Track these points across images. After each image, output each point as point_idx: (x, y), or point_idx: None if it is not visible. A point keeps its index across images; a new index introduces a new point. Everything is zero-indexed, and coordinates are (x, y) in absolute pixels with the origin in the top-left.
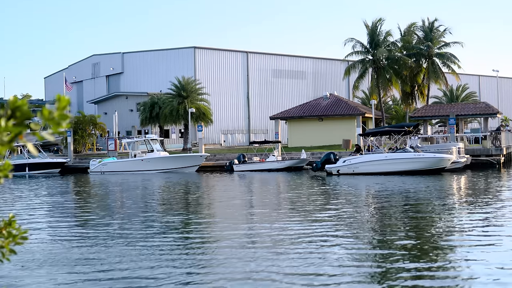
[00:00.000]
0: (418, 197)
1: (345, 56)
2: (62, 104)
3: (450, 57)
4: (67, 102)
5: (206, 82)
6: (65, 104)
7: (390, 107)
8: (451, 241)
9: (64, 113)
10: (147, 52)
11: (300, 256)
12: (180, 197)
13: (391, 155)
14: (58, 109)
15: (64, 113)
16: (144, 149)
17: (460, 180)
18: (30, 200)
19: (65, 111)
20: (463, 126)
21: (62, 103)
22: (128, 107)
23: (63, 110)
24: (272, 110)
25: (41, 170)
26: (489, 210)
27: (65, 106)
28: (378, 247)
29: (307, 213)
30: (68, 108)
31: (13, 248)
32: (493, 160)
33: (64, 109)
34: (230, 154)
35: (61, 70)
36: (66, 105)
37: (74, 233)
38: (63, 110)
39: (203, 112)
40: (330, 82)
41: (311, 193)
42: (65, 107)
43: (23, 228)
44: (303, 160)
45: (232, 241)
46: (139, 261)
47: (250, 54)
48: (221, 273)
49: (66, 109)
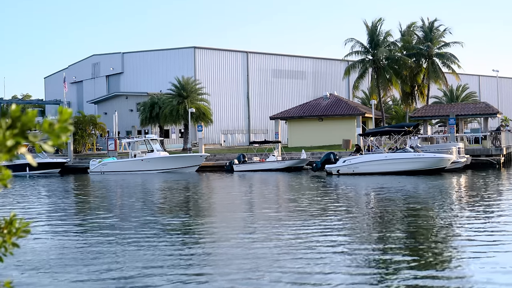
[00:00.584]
0: (418, 197)
1: (344, 56)
2: (63, 116)
3: (450, 57)
4: (69, 115)
5: (206, 82)
6: (67, 117)
7: (390, 107)
8: (451, 241)
9: (65, 126)
10: (147, 52)
11: (300, 256)
12: (180, 198)
13: (391, 155)
14: (60, 122)
15: (65, 126)
16: (144, 149)
17: (460, 180)
18: (30, 200)
19: (66, 124)
20: (463, 126)
21: (64, 116)
22: (128, 107)
23: (64, 123)
24: (272, 110)
25: (41, 170)
26: (489, 210)
27: (66, 119)
28: (378, 247)
29: (306, 213)
30: (70, 121)
31: (16, 242)
32: (493, 160)
33: (66, 122)
34: (230, 154)
35: (61, 70)
36: (67, 118)
37: (74, 233)
38: (64, 122)
39: (203, 112)
40: (330, 82)
41: (311, 193)
42: (67, 120)
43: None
44: (303, 160)
45: (232, 241)
46: (139, 261)
47: (250, 54)
48: (221, 273)
49: (67, 122)
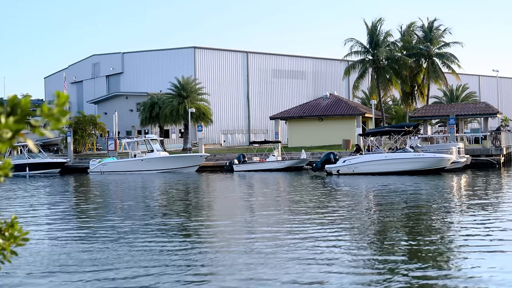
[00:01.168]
0: (418, 197)
1: (344, 56)
2: (61, 100)
3: (450, 57)
4: (66, 98)
5: (206, 82)
6: (64, 100)
7: (390, 107)
8: (451, 241)
9: (63, 109)
10: (147, 52)
11: (300, 256)
12: (179, 198)
13: (390, 155)
14: (58, 105)
15: (63, 109)
16: (144, 149)
17: (460, 180)
18: (30, 200)
19: (64, 107)
20: (463, 126)
21: (61, 100)
22: (128, 107)
23: (62, 106)
24: (272, 110)
25: (41, 170)
26: (488, 210)
27: (64, 102)
28: (378, 247)
29: (306, 214)
30: (68, 104)
31: (15, 249)
32: (493, 160)
33: (64, 105)
34: (230, 154)
35: (61, 70)
36: (65, 101)
37: (73, 234)
38: (63, 106)
39: (203, 112)
40: (330, 82)
41: (310, 193)
42: (64, 103)
43: (25, 230)
44: (303, 160)
45: (232, 241)
46: (139, 261)
47: (250, 54)
48: (221, 273)
49: (65, 105)
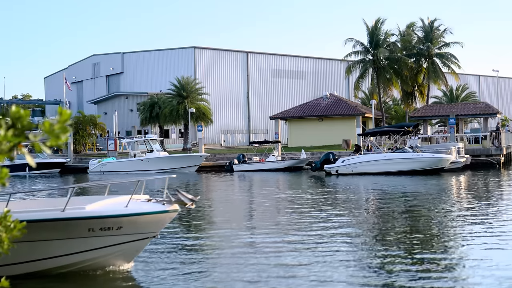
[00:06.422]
0: (417, 197)
1: (345, 56)
2: (63, 117)
3: (450, 57)
4: (68, 116)
5: (206, 82)
6: (67, 118)
7: (390, 107)
8: (451, 241)
9: (65, 126)
10: (147, 52)
11: (299, 256)
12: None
13: (389, 155)
14: (59, 122)
15: (65, 126)
16: (143, 149)
17: (459, 180)
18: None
19: (66, 124)
20: (463, 126)
21: (63, 117)
22: (128, 107)
23: (63, 123)
24: (272, 110)
25: (41, 170)
26: (488, 210)
27: (66, 120)
28: (377, 247)
29: (305, 214)
30: (69, 121)
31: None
32: (493, 160)
33: (65, 123)
34: (230, 154)
35: (61, 70)
36: (67, 118)
37: None
38: (64, 123)
39: (203, 112)
40: (330, 82)
41: (309, 193)
42: (66, 120)
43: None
44: (303, 160)
45: (232, 241)
46: (139, 261)
47: (250, 54)
48: (221, 273)
49: (66, 122)
